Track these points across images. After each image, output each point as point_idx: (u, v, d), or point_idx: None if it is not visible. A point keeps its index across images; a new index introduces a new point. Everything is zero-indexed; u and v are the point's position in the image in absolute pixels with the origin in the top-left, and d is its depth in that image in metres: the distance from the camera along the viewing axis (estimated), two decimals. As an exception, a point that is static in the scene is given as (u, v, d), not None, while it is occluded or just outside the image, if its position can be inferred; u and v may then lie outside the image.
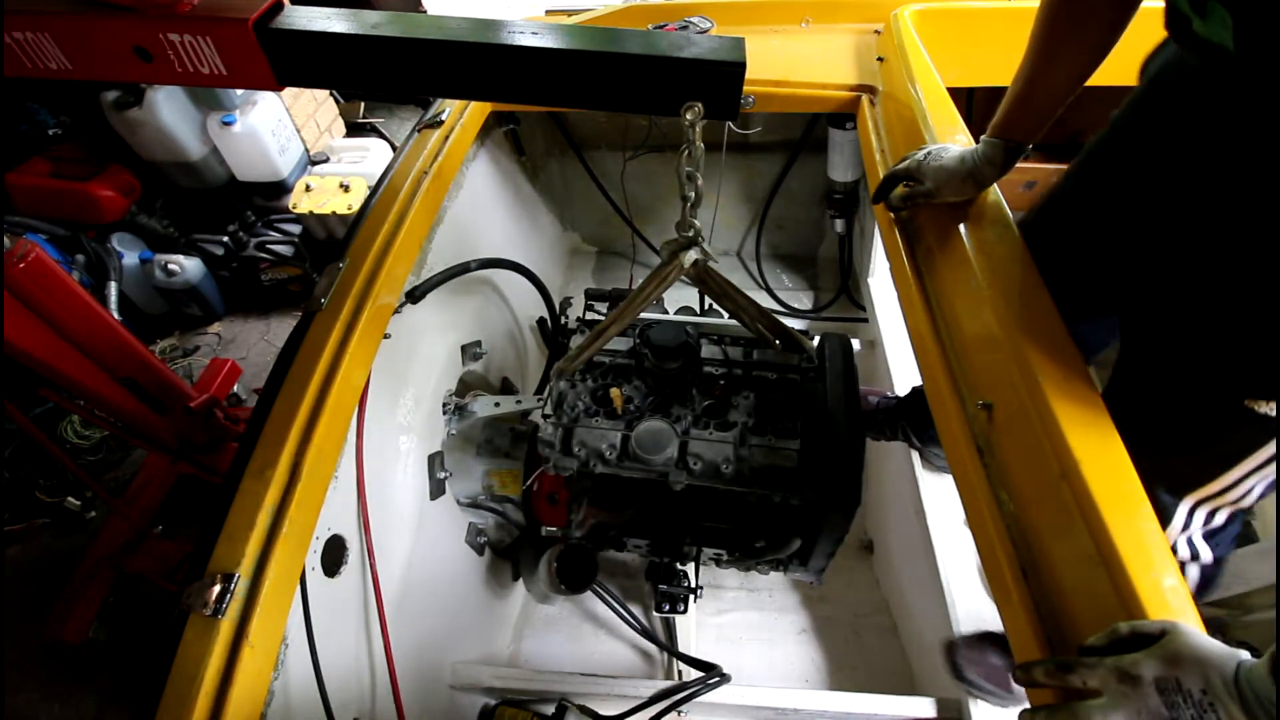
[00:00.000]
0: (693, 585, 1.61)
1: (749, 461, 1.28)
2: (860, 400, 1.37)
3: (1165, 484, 0.88)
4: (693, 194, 0.97)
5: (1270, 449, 0.77)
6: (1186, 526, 0.92)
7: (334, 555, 1.15)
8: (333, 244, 2.92)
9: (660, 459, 1.29)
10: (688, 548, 1.46)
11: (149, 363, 1.80)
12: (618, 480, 1.40)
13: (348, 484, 1.18)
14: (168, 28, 0.82)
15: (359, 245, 1.26)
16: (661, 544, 1.50)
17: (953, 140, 1.16)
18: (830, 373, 1.34)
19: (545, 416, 1.36)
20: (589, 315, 1.69)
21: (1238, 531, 0.96)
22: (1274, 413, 0.72)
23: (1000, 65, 1.26)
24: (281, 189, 3.03)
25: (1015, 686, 1.27)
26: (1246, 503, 0.88)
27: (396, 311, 1.35)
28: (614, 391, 1.40)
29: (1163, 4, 0.72)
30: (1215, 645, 0.55)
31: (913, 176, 1.09)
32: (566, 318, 1.94)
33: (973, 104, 2.23)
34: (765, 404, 1.38)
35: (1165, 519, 0.90)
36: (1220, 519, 0.91)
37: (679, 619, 1.66)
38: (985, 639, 1.37)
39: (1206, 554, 0.95)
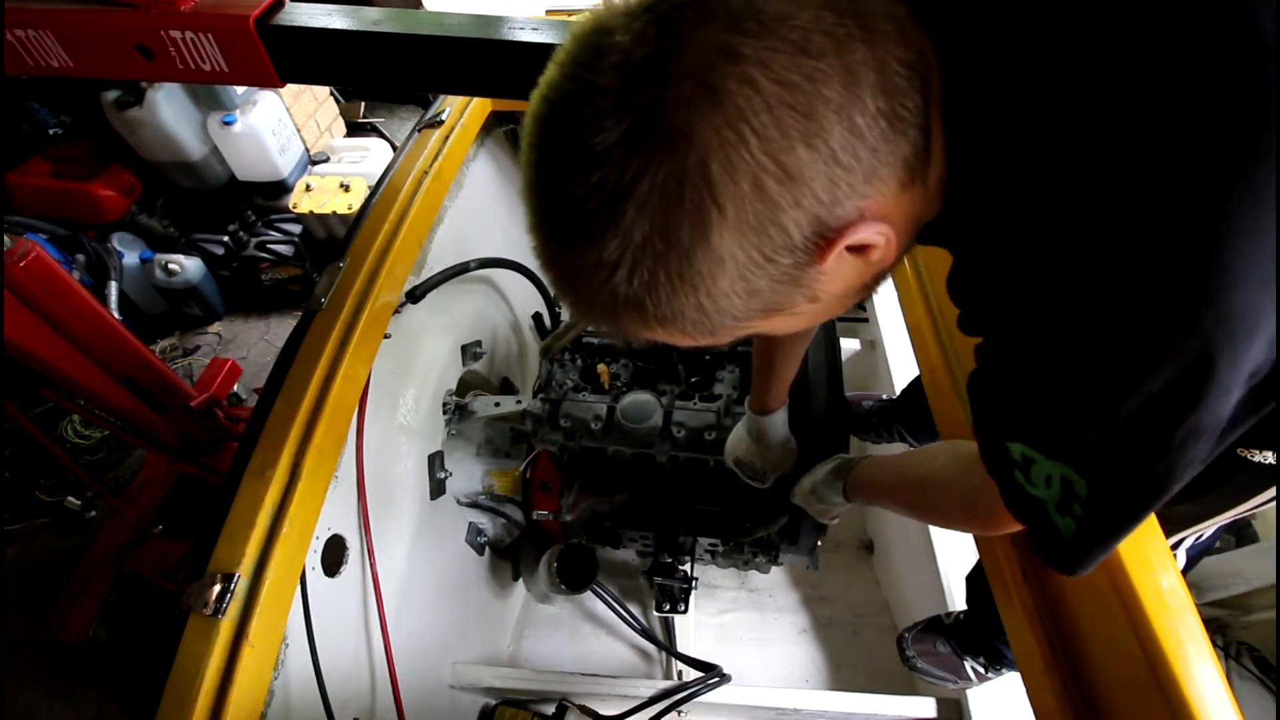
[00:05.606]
0: (689, 575, 1.61)
1: (732, 429, 1.28)
2: (849, 399, 1.38)
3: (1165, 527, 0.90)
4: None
5: (1270, 493, 0.78)
6: (1175, 547, 0.93)
7: (334, 555, 1.15)
8: (333, 244, 2.91)
9: (645, 428, 1.31)
10: (682, 538, 1.47)
11: (149, 362, 1.79)
12: (605, 457, 1.41)
13: (348, 484, 1.18)
14: (170, 25, 0.82)
15: (359, 245, 1.26)
16: (656, 535, 1.50)
17: None
18: (811, 342, 1.35)
19: (535, 394, 1.39)
20: None
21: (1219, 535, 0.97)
22: (1268, 460, 0.74)
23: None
24: (282, 189, 3.02)
25: (966, 671, 1.29)
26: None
27: (397, 311, 1.35)
28: (601, 368, 1.43)
29: None
30: None
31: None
32: (560, 309, 1.94)
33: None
34: (749, 377, 1.39)
35: None
36: (1208, 534, 0.92)
37: (679, 619, 1.65)
38: (932, 628, 1.38)
39: (1181, 560, 0.97)
